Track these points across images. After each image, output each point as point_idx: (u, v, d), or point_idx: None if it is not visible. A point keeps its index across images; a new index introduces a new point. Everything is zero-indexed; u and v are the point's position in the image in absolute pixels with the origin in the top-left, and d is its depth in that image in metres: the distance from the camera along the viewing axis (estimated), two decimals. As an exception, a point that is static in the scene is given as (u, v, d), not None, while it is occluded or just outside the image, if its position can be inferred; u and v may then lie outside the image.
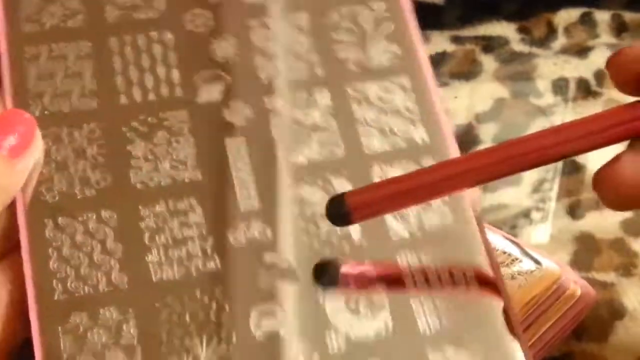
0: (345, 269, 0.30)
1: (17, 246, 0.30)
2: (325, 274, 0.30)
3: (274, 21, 0.34)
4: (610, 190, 0.28)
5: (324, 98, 0.32)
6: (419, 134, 0.32)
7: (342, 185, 0.31)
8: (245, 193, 0.31)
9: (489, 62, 0.55)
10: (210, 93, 0.32)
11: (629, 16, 0.56)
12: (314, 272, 0.30)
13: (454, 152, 0.32)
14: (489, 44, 0.55)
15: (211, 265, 0.29)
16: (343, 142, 0.32)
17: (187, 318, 0.29)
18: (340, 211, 0.29)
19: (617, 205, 0.28)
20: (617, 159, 0.28)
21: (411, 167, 0.32)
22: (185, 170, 0.31)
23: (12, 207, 0.30)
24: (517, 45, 0.55)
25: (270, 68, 0.33)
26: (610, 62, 0.28)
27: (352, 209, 0.29)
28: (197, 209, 0.30)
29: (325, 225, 0.30)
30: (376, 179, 0.31)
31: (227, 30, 0.33)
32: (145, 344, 0.28)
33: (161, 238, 0.30)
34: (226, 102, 0.32)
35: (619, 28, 0.56)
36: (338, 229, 0.30)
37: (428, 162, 0.32)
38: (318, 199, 0.31)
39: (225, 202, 0.30)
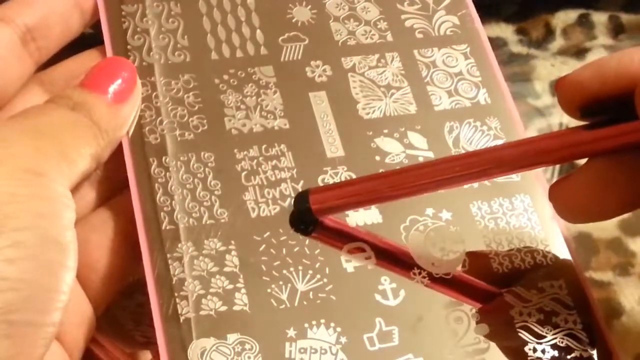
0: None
1: (124, 186, 0.31)
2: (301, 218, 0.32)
3: None
4: (562, 203, 0.29)
5: (394, 61, 0.35)
6: (482, 96, 0.35)
7: (415, 138, 0.34)
8: (330, 141, 0.33)
9: (487, 63, 0.55)
10: (292, 52, 0.34)
11: (626, 18, 0.56)
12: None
13: (513, 112, 0.35)
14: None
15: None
16: (415, 100, 0.35)
17: (284, 251, 0.31)
18: (303, 206, 0.31)
19: (569, 218, 0.30)
20: (570, 175, 0.29)
21: (477, 125, 0.34)
22: (275, 119, 0.33)
23: (117, 148, 0.31)
24: (515, 46, 0.55)
25: (344, 32, 0.35)
26: (556, 88, 0.29)
27: (315, 204, 0.31)
28: (287, 154, 0.32)
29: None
30: (447, 135, 0.34)
31: None
32: (247, 272, 0.30)
33: (256, 179, 0.32)
34: (307, 61, 0.34)
35: (616, 29, 0.56)
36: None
37: (492, 121, 0.35)
38: (395, 149, 0.33)
39: (312, 149, 0.33)
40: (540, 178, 0.34)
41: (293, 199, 0.32)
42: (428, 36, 0.36)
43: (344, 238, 0.31)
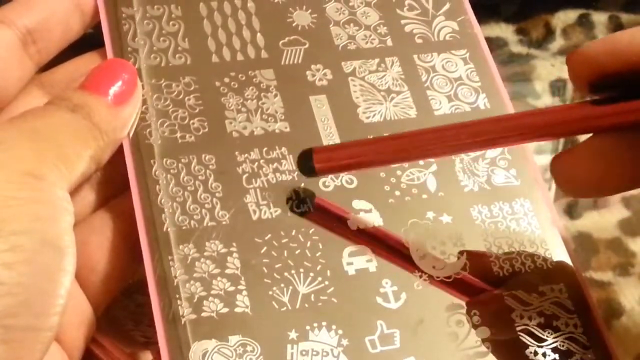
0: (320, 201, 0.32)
1: (124, 187, 0.31)
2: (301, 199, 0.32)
3: None
4: (563, 176, 0.29)
5: (394, 65, 0.35)
6: (482, 101, 0.35)
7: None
8: (331, 144, 0.33)
9: (487, 64, 0.55)
10: (292, 56, 0.34)
11: (626, 18, 0.57)
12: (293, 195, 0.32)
13: (513, 117, 0.35)
14: (488, 45, 0.55)
15: (305, 208, 0.32)
16: (415, 105, 0.35)
17: (285, 254, 0.31)
18: (307, 164, 0.31)
19: (569, 191, 0.30)
20: (573, 148, 0.29)
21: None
22: (275, 122, 0.33)
23: (117, 150, 0.31)
24: (515, 46, 0.56)
25: (344, 37, 0.35)
26: (567, 61, 0.28)
27: (318, 162, 0.31)
28: (288, 158, 0.32)
29: (405, 175, 0.33)
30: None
31: (303, 2, 0.36)
32: (248, 274, 0.30)
33: (257, 182, 0.32)
34: (308, 64, 0.34)
35: (616, 29, 0.56)
36: (415, 179, 0.33)
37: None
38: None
39: None
40: (540, 183, 0.34)
41: (296, 159, 0.32)
42: (428, 41, 0.36)
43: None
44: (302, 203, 0.32)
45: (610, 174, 0.28)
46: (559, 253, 0.33)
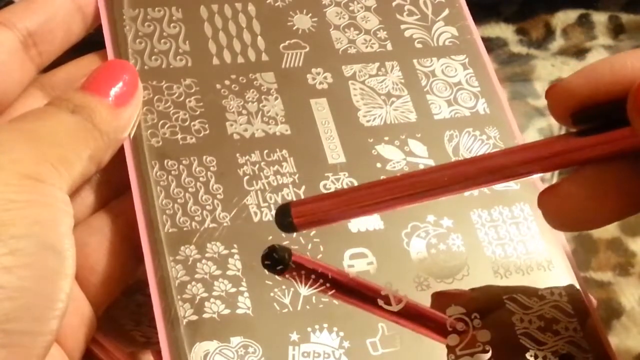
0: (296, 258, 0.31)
1: (124, 188, 0.31)
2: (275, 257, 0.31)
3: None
4: (551, 211, 0.29)
5: (394, 70, 0.35)
6: (481, 106, 0.35)
7: (416, 146, 0.34)
8: (332, 147, 0.33)
9: (487, 64, 0.55)
10: (293, 60, 0.35)
11: (626, 18, 0.57)
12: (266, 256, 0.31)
13: (512, 122, 0.35)
14: (488, 45, 0.50)
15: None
16: (415, 109, 0.35)
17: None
18: (285, 220, 0.30)
19: (557, 226, 0.29)
20: (559, 183, 0.28)
21: (476, 134, 0.35)
22: (276, 125, 0.33)
23: (118, 151, 0.31)
24: (515, 46, 0.55)
25: (344, 41, 0.36)
26: (547, 95, 0.28)
27: (297, 217, 0.30)
28: (289, 160, 0.32)
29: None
30: (447, 144, 0.34)
31: (304, 6, 0.36)
32: (249, 276, 0.30)
33: (258, 184, 0.32)
34: (308, 68, 0.34)
35: (616, 29, 0.56)
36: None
37: (491, 130, 0.35)
38: (396, 157, 0.33)
39: (314, 155, 0.33)
40: (539, 187, 0.34)
41: (274, 213, 0.31)
42: (427, 46, 0.36)
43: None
44: (278, 263, 0.31)
45: (598, 207, 0.28)
46: (558, 257, 0.33)
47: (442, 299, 0.31)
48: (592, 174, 0.27)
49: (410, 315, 0.30)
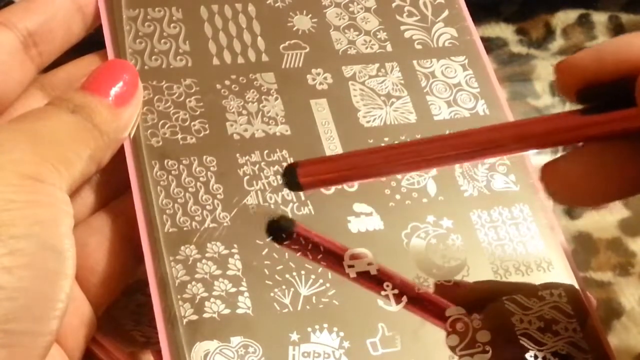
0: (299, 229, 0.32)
1: (124, 188, 0.31)
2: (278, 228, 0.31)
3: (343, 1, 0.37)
4: (552, 185, 0.29)
5: (394, 71, 0.35)
6: (481, 107, 0.35)
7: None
8: (332, 148, 0.33)
9: (487, 64, 0.55)
10: (293, 60, 0.35)
11: (626, 18, 0.57)
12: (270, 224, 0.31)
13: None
14: (488, 45, 0.53)
15: (305, 210, 0.32)
16: (414, 110, 0.35)
17: (287, 256, 0.31)
18: (292, 179, 0.31)
19: (558, 200, 0.29)
20: (562, 157, 0.28)
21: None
22: (276, 125, 0.33)
23: (118, 151, 0.31)
24: (515, 46, 0.55)
25: (344, 42, 0.36)
26: (555, 69, 0.28)
27: (303, 177, 0.31)
28: (289, 160, 0.32)
29: (405, 179, 0.33)
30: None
31: (304, 7, 0.36)
32: (250, 276, 0.30)
33: (258, 184, 0.32)
34: (308, 68, 0.35)
35: (617, 29, 0.56)
36: (415, 183, 0.33)
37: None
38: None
39: (314, 155, 0.33)
40: (539, 188, 0.34)
41: (281, 174, 0.31)
42: (427, 47, 0.36)
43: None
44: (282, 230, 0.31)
45: (599, 183, 0.28)
46: (558, 258, 0.33)
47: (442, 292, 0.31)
48: (595, 151, 0.27)
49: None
